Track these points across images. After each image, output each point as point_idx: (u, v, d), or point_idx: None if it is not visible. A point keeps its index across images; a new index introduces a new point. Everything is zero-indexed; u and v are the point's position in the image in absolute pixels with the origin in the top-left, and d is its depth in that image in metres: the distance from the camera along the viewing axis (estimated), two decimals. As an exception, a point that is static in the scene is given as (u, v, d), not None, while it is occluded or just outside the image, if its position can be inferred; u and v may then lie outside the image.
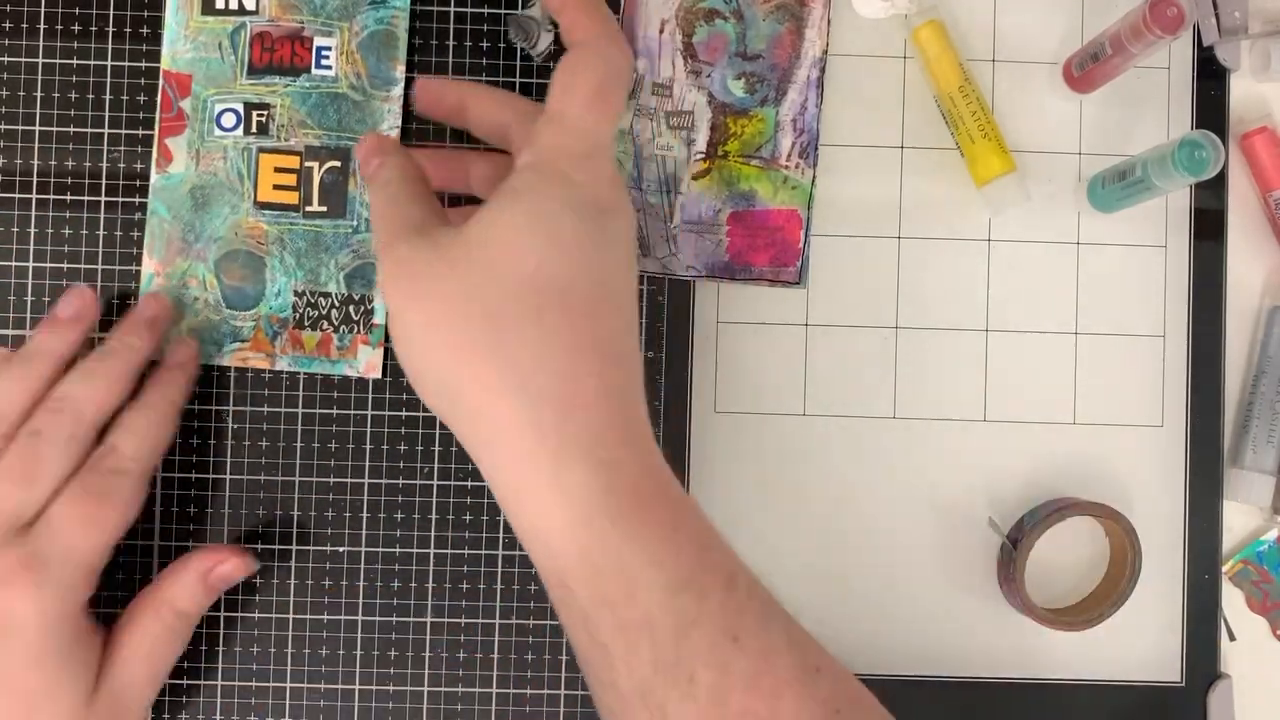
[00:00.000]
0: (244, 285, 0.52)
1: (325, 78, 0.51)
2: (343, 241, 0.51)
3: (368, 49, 0.51)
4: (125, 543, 0.52)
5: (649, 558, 0.39)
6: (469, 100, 0.49)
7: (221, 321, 0.52)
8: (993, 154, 0.53)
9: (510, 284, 0.41)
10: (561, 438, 0.39)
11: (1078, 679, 0.54)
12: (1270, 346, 0.55)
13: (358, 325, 0.51)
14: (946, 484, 0.54)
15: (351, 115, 0.51)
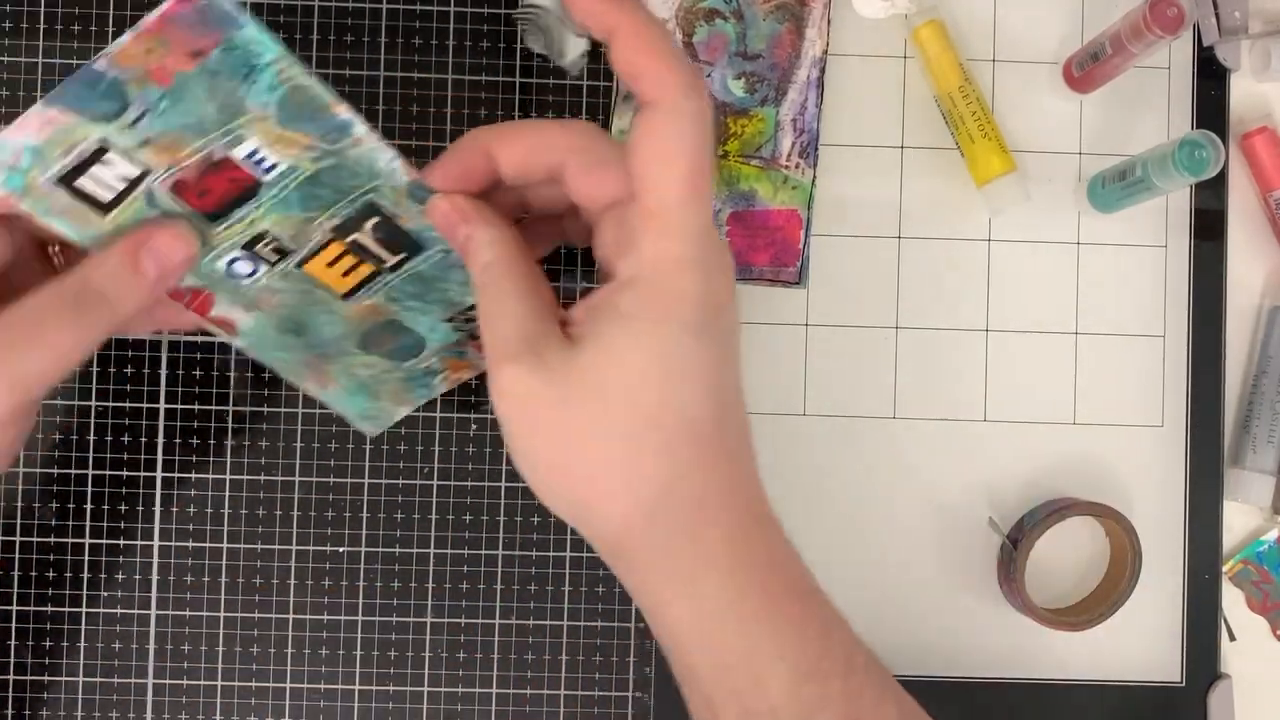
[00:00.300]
0: (400, 340, 0.48)
1: (285, 172, 0.42)
2: (444, 263, 0.45)
3: (294, 120, 0.41)
4: (124, 542, 0.52)
5: (777, 653, 0.40)
6: (496, 150, 0.42)
7: (409, 371, 0.49)
8: (993, 154, 0.53)
9: (634, 422, 0.39)
10: (694, 557, 0.40)
11: (1078, 679, 0.54)
12: (1270, 346, 0.55)
13: None
14: (946, 484, 0.54)
15: (344, 176, 0.43)
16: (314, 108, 0.41)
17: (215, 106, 0.40)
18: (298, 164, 0.42)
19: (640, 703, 0.53)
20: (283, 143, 0.42)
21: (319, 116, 0.41)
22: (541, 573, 0.53)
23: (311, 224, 0.44)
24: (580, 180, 0.41)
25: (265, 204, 0.43)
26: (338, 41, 0.53)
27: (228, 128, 0.41)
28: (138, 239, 0.41)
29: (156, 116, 0.39)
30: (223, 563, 0.52)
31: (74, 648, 0.52)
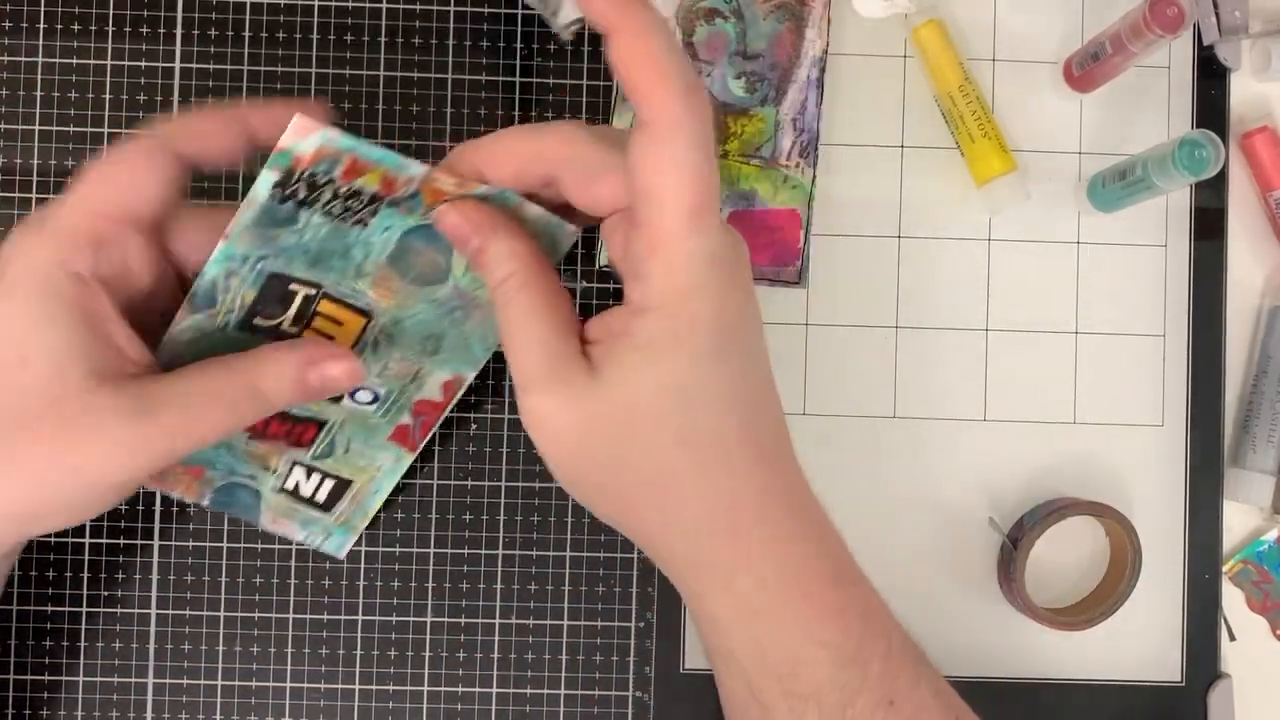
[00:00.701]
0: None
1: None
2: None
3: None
4: (124, 542, 0.52)
5: (818, 641, 0.41)
6: (485, 170, 0.41)
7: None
8: (993, 154, 0.53)
9: (662, 448, 0.40)
10: (731, 560, 0.41)
11: (1078, 679, 0.54)
12: (1270, 346, 0.55)
13: None
14: (946, 484, 0.54)
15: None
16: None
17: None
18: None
19: (640, 703, 0.53)
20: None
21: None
22: (541, 573, 0.53)
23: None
24: (579, 192, 0.41)
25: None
26: (338, 41, 0.53)
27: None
28: (312, 356, 0.43)
29: None
30: (223, 563, 0.52)
31: (74, 648, 0.52)
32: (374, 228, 0.42)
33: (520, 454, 0.53)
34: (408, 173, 0.40)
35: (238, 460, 0.49)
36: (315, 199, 0.40)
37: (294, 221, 0.41)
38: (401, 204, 0.41)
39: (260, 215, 0.40)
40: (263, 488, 0.50)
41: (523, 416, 0.41)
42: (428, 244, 0.43)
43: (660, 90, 0.37)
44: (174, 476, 0.49)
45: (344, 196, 0.40)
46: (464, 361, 0.48)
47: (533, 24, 0.54)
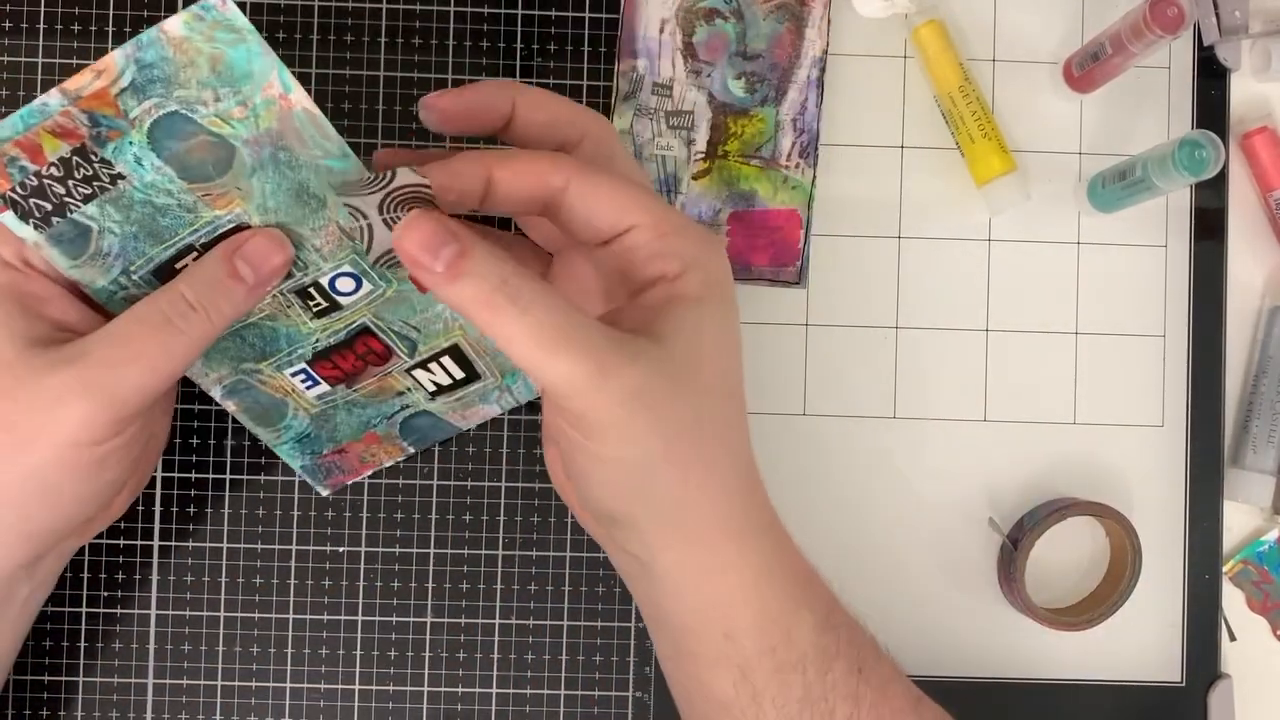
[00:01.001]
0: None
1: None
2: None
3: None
4: (124, 542, 0.52)
5: (804, 602, 0.43)
6: (497, 174, 0.41)
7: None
8: (993, 154, 0.53)
9: (723, 394, 0.42)
10: (745, 518, 0.42)
11: (1078, 679, 0.54)
12: (1270, 346, 0.55)
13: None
14: (946, 484, 0.54)
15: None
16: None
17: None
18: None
19: (640, 703, 0.53)
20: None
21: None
22: (541, 573, 0.53)
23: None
24: (582, 216, 0.41)
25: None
26: (338, 41, 0.53)
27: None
28: (232, 245, 0.41)
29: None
30: (223, 563, 0.52)
31: (74, 648, 0.52)
32: (130, 171, 0.40)
33: (520, 454, 0.53)
34: (54, 109, 0.38)
35: (376, 406, 0.49)
36: (60, 200, 0.40)
37: (86, 230, 0.41)
38: (104, 135, 0.39)
39: (60, 249, 0.41)
40: (424, 405, 0.50)
41: (604, 404, 0.38)
42: (180, 138, 0.40)
43: (576, 111, 0.43)
44: (369, 453, 0.50)
45: (66, 176, 0.40)
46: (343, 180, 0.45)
47: (532, 24, 0.54)
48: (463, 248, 0.38)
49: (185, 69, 0.38)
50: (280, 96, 0.39)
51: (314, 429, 0.50)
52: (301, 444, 0.50)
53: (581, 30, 0.53)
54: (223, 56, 0.38)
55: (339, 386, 0.48)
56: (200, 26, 0.37)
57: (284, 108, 0.39)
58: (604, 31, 0.54)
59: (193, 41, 0.38)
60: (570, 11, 0.54)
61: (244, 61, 0.38)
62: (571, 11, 0.54)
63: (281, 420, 0.49)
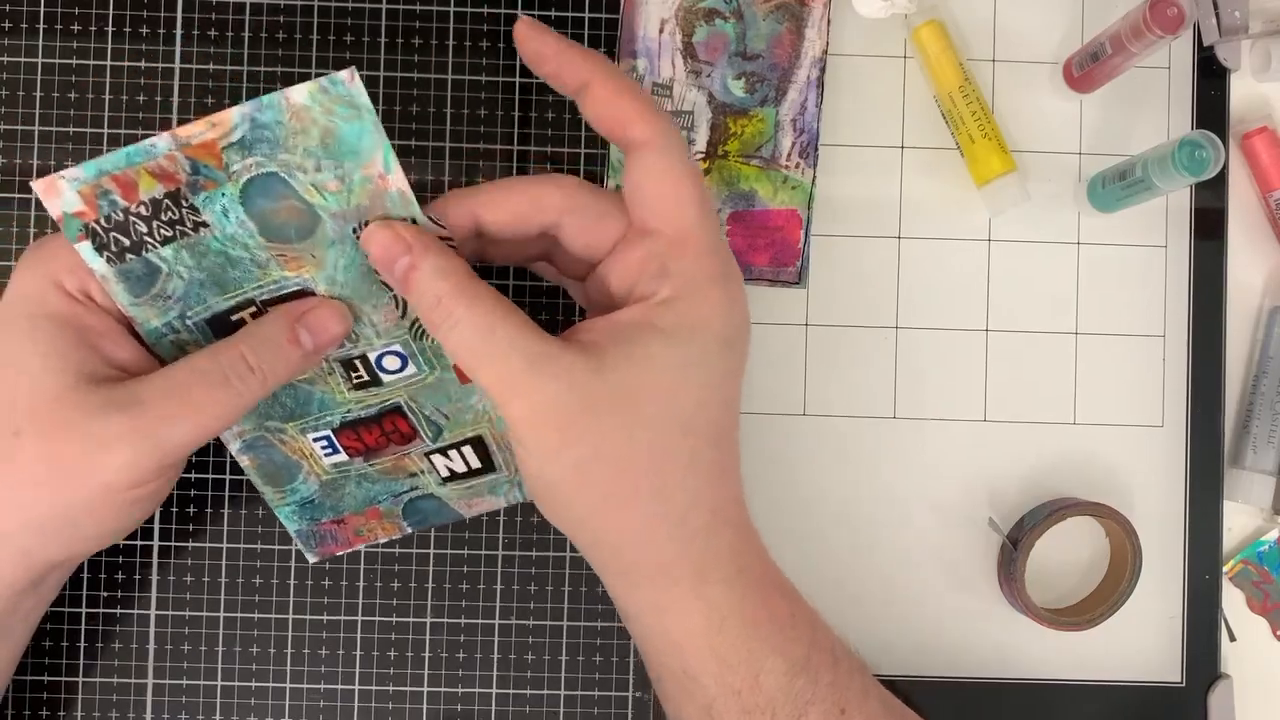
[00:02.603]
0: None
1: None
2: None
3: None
4: (124, 542, 0.52)
5: (772, 648, 0.42)
6: (483, 215, 0.42)
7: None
8: (993, 154, 0.53)
9: (669, 429, 0.40)
10: (704, 559, 0.41)
11: (1078, 679, 0.54)
12: (1270, 346, 0.55)
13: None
14: (946, 484, 0.54)
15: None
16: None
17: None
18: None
19: (640, 703, 0.53)
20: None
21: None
22: (541, 573, 0.53)
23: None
24: (582, 235, 0.42)
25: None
26: (338, 41, 0.53)
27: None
28: (295, 311, 0.42)
29: None
30: (222, 563, 0.52)
31: (74, 648, 0.52)
32: (215, 222, 0.41)
33: (520, 454, 0.53)
34: (160, 151, 0.39)
35: (385, 484, 0.50)
36: (140, 238, 0.40)
37: (155, 270, 0.41)
38: (200, 184, 0.40)
39: (125, 285, 0.41)
40: (433, 489, 0.50)
41: (516, 421, 0.39)
42: (271, 199, 0.41)
43: (649, 113, 0.41)
44: (367, 528, 0.51)
45: (153, 215, 0.40)
46: None
47: (533, 24, 0.54)
48: (412, 260, 0.40)
49: (295, 135, 0.39)
50: (379, 176, 0.40)
51: (320, 496, 0.50)
52: (304, 508, 0.50)
53: (581, 30, 0.53)
54: (335, 130, 0.39)
55: (356, 459, 0.48)
56: (323, 99, 0.38)
57: (379, 187, 0.40)
58: (604, 31, 0.54)
59: (311, 112, 0.39)
60: (570, 11, 0.54)
61: (354, 138, 0.39)
62: (571, 11, 0.54)
63: (291, 482, 0.49)
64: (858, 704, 0.42)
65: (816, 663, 0.42)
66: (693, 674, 0.42)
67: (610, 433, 0.40)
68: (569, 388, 0.39)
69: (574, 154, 0.53)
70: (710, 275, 0.41)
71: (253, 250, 0.42)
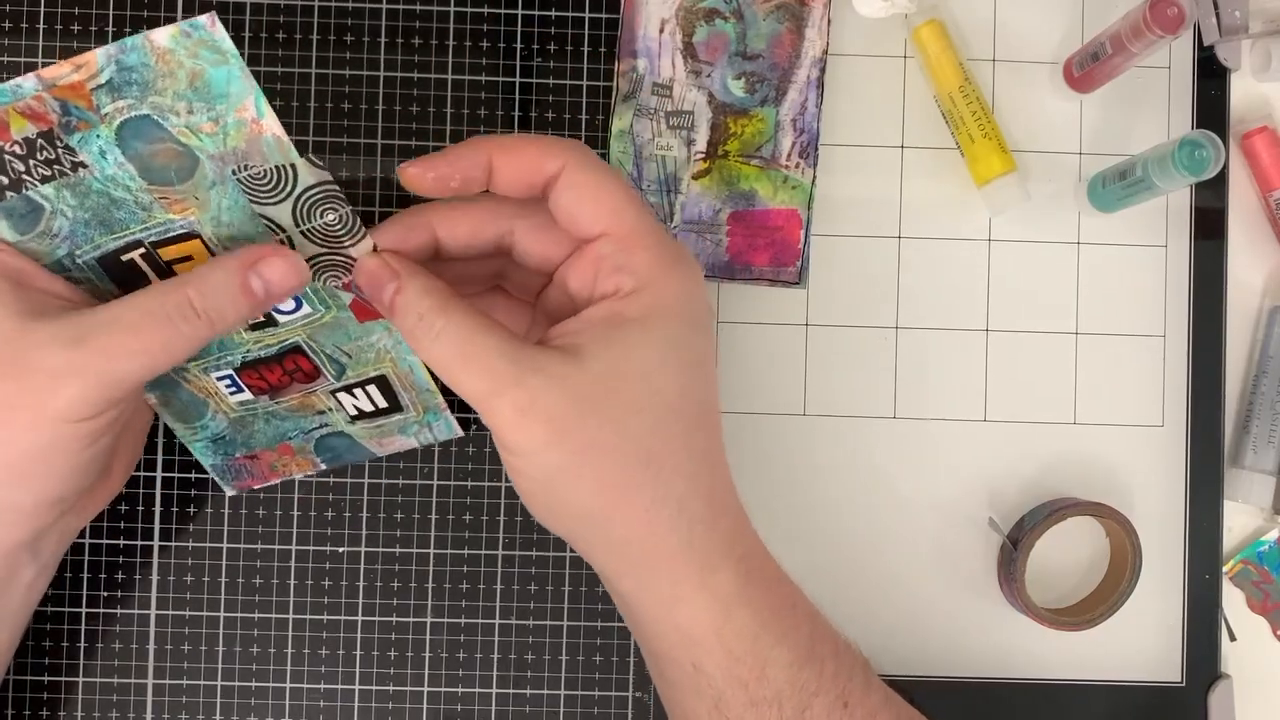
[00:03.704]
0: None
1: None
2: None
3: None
4: (124, 542, 0.52)
5: (777, 638, 0.42)
6: (440, 225, 0.43)
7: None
8: (993, 154, 0.53)
9: (657, 416, 0.40)
10: (708, 548, 0.41)
11: (1078, 679, 0.54)
12: (1270, 346, 0.55)
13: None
14: (946, 484, 0.54)
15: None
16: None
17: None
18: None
19: (640, 703, 0.53)
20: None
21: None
22: (541, 573, 0.53)
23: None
24: (538, 245, 0.43)
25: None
26: (338, 41, 0.53)
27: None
28: (248, 259, 0.42)
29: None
30: (223, 563, 0.52)
31: (74, 648, 0.52)
32: (93, 163, 0.41)
33: (520, 454, 0.53)
34: (27, 92, 0.39)
35: (294, 420, 0.49)
36: (18, 176, 0.41)
37: (38, 208, 0.41)
38: (73, 124, 0.40)
39: (9, 222, 0.41)
40: (342, 427, 0.50)
41: (502, 421, 0.40)
42: (147, 141, 0.41)
43: (551, 146, 0.41)
44: (280, 464, 0.50)
45: (28, 154, 0.40)
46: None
47: (532, 24, 0.54)
48: (399, 285, 0.41)
49: (164, 78, 0.39)
50: (252, 120, 0.40)
51: (230, 432, 0.50)
52: (216, 444, 0.50)
53: (581, 30, 0.54)
54: (203, 73, 0.39)
55: (262, 397, 0.48)
56: (186, 42, 0.38)
57: (254, 131, 0.40)
58: (604, 31, 0.54)
59: (176, 55, 0.38)
60: (570, 11, 0.54)
61: (223, 82, 0.39)
62: (571, 11, 0.54)
63: (200, 419, 0.49)
64: (860, 697, 0.43)
65: (820, 653, 0.42)
66: (701, 667, 0.42)
67: (601, 424, 0.40)
68: (554, 383, 0.39)
69: (574, 154, 0.53)
70: (665, 263, 0.41)
71: (135, 192, 0.42)
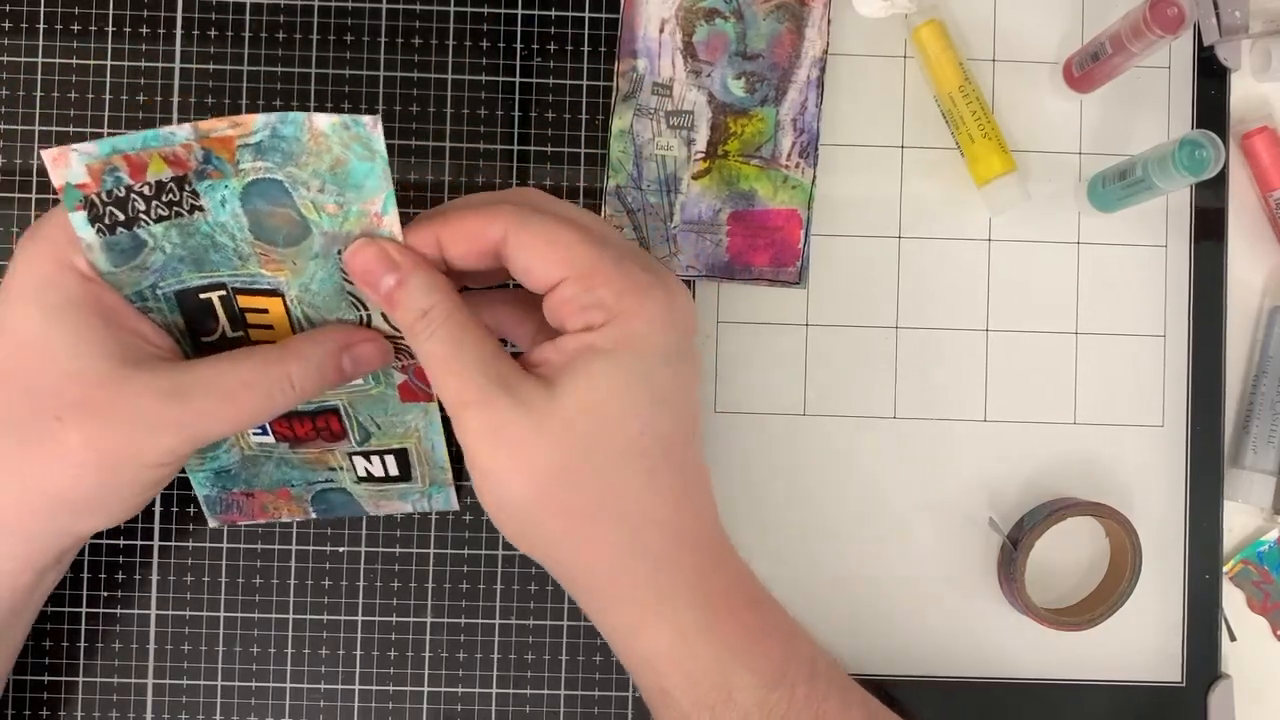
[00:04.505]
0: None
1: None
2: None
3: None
4: (124, 542, 0.52)
5: (743, 663, 0.42)
6: (442, 236, 0.43)
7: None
8: (993, 154, 0.53)
9: (619, 449, 0.41)
10: (668, 580, 0.42)
11: (1078, 679, 0.54)
12: (1270, 346, 0.55)
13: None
14: (946, 484, 0.54)
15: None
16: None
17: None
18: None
19: (640, 703, 0.53)
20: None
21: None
22: (541, 573, 0.53)
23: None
24: (519, 262, 0.42)
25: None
26: (338, 41, 0.53)
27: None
28: (345, 340, 0.44)
29: None
30: (223, 563, 0.52)
31: (74, 648, 0.52)
32: (211, 208, 0.42)
33: (520, 454, 0.53)
34: (178, 140, 0.40)
35: (302, 471, 0.50)
36: (135, 214, 0.41)
37: (141, 244, 0.42)
38: (208, 172, 0.41)
39: (108, 255, 0.42)
40: (346, 484, 0.51)
41: (469, 436, 0.40)
42: (269, 202, 0.42)
43: (488, 209, 0.42)
44: (274, 505, 0.51)
45: (154, 196, 0.41)
46: None
47: (532, 24, 0.54)
48: (400, 278, 0.42)
49: (309, 155, 0.40)
50: (375, 214, 0.42)
51: (238, 468, 0.50)
52: (218, 476, 0.50)
53: (581, 30, 0.54)
54: (346, 163, 0.41)
55: (283, 444, 0.49)
56: (343, 133, 0.40)
57: (373, 224, 0.42)
58: (604, 31, 0.54)
59: (329, 140, 0.40)
60: (570, 11, 0.54)
61: (362, 175, 0.41)
62: (571, 11, 0.54)
63: (214, 450, 0.49)
64: (836, 715, 0.42)
65: (793, 675, 0.42)
66: (668, 692, 0.42)
67: (564, 455, 0.40)
68: (523, 408, 0.40)
69: (574, 154, 0.53)
70: (635, 292, 0.41)
71: (238, 241, 0.43)
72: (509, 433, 0.40)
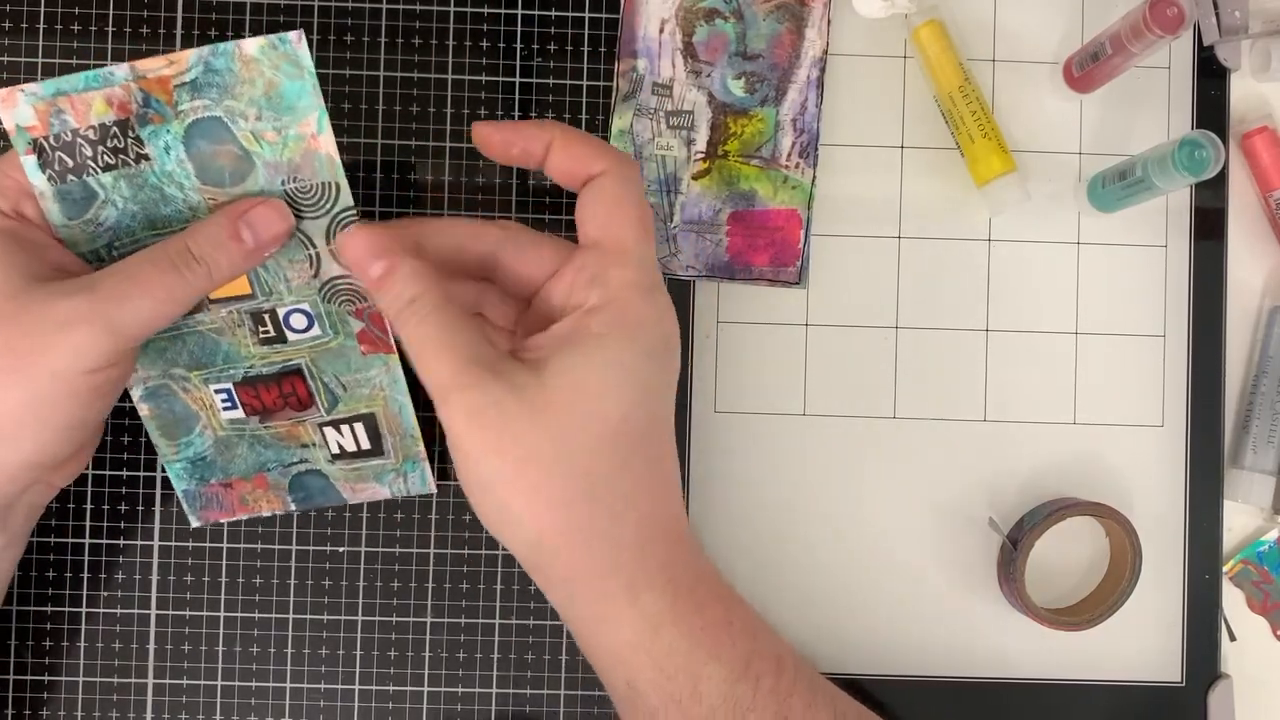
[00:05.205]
0: None
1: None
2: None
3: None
4: (124, 542, 0.52)
5: (709, 655, 0.42)
6: (425, 241, 0.45)
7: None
8: (993, 154, 0.53)
9: (599, 435, 0.41)
10: (638, 570, 0.42)
11: (1078, 679, 0.54)
12: (1270, 346, 0.55)
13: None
14: (946, 484, 0.54)
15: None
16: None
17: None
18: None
19: (640, 703, 0.53)
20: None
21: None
22: (541, 573, 0.53)
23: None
24: (517, 259, 0.45)
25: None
26: (338, 41, 0.53)
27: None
28: (238, 210, 0.44)
29: None
30: (223, 563, 0.52)
31: (74, 648, 0.52)
32: (156, 156, 0.43)
33: (520, 454, 0.53)
34: (118, 80, 0.41)
35: (276, 450, 0.50)
36: (84, 161, 0.43)
37: (93, 194, 0.43)
38: (149, 117, 0.42)
39: (61, 205, 0.43)
40: (321, 465, 0.50)
41: (456, 418, 0.41)
42: (212, 141, 0.43)
43: (602, 149, 0.44)
44: (252, 497, 0.51)
45: (100, 140, 0.42)
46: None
47: (532, 24, 0.54)
48: (390, 264, 0.42)
49: (243, 84, 0.42)
50: (311, 135, 0.43)
51: (213, 454, 0.50)
52: (195, 466, 0.50)
53: (581, 30, 0.54)
54: (278, 85, 0.42)
55: (253, 418, 0.49)
56: (271, 54, 0.42)
57: (310, 146, 0.43)
58: (604, 31, 0.54)
59: (259, 64, 0.42)
60: (570, 11, 0.54)
61: (294, 95, 0.42)
62: (571, 11, 0.54)
63: (187, 435, 0.49)
64: (801, 711, 0.42)
65: (758, 669, 0.42)
66: (635, 685, 0.42)
67: (543, 438, 0.40)
68: (509, 389, 0.40)
69: (574, 154, 0.53)
70: (638, 287, 0.42)
71: (186, 191, 0.44)
72: (494, 414, 0.40)
